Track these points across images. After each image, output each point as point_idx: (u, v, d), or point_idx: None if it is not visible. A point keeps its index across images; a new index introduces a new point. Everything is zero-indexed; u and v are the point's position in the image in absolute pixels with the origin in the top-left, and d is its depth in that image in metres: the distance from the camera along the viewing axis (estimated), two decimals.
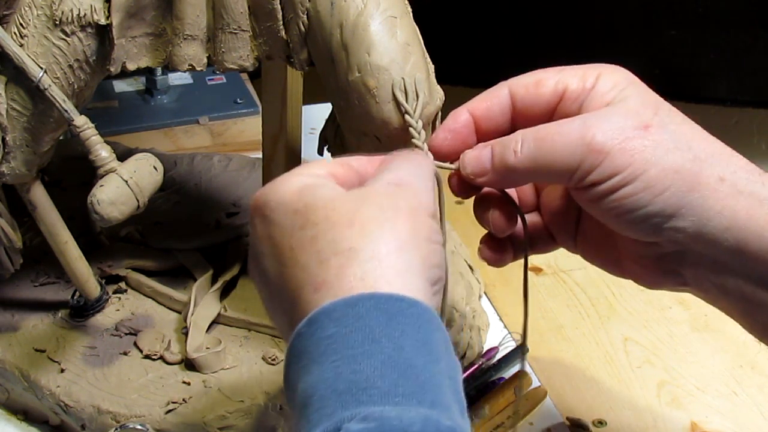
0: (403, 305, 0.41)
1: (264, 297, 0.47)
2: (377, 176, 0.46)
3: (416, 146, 0.53)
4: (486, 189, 0.53)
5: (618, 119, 0.48)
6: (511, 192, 0.55)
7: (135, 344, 0.73)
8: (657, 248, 0.51)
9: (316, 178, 0.46)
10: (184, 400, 0.68)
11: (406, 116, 0.55)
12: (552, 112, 0.51)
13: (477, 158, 0.51)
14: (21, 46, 0.59)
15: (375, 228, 0.43)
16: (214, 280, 0.77)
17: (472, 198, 0.55)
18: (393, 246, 0.42)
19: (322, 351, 0.40)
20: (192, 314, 0.73)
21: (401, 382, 0.38)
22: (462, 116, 0.52)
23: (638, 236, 0.50)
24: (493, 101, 0.52)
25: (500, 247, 0.56)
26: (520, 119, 0.52)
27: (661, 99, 0.50)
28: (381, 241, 0.42)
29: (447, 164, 0.52)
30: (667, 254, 0.51)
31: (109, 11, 0.59)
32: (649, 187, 0.47)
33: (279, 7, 0.60)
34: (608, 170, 0.47)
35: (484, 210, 0.54)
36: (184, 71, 0.63)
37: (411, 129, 0.54)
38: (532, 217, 0.57)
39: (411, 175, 0.46)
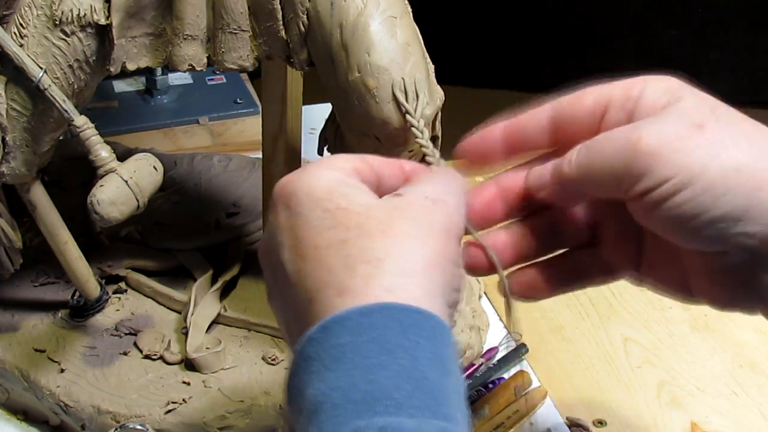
0: (419, 317, 0.41)
1: (273, 289, 0.46)
2: (413, 188, 0.46)
3: (421, 145, 0.53)
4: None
5: (670, 120, 0.44)
6: (559, 225, 0.52)
7: (135, 344, 0.73)
8: (727, 259, 0.46)
9: (345, 175, 0.45)
10: (184, 400, 0.68)
11: (408, 116, 0.55)
12: (598, 125, 0.48)
13: (540, 173, 0.49)
14: (21, 46, 0.59)
15: (407, 243, 0.42)
16: (214, 280, 0.77)
17: None
18: (421, 265, 0.42)
19: (336, 358, 0.39)
20: (192, 314, 0.73)
21: (417, 394, 0.38)
22: (497, 132, 0.50)
23: (704, 247, 0.45)
24: (530, 117, 0.49)
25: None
26: (561, 135, 0.49)
27: (718, 100, 0.46)
28: (411, 258, 0.42)
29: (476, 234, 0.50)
30: (740, 263, 0.46)
31: (109, 11, 0.59)
32: (709, 189, 0.43)
33: (279, 7, 0.60)
34: (660, 175, 0.43)
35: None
36: (184, 71, 0.63)
37: (414, 129, 0.54)
38: (585, 251, 0.53)
39: (447, 192, 0.46)
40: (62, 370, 0.70)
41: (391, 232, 0.42)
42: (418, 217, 0.43)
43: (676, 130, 0.43)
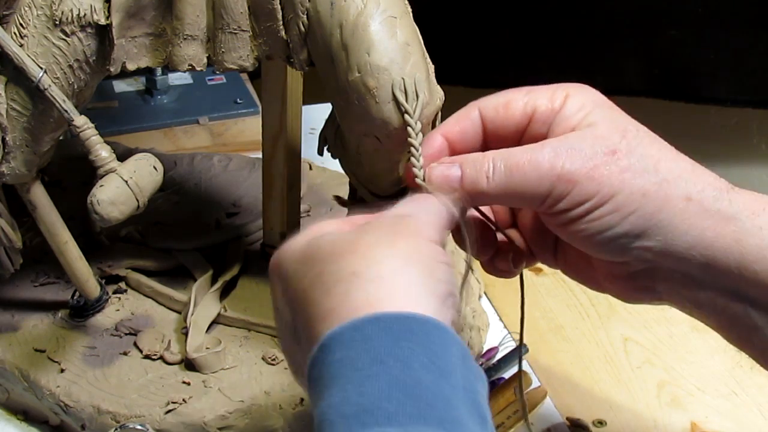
0: (411, 323, 0.41)
1: (286, 349, 0.48)
2: (384, 212, 0.48)
3: (412, 145, 0.53)
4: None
5: (586, 146, 0.49)
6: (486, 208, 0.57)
7: (135, 344, 0.73)
8: (628, 266, 0.52)
9: (322, 230, 0.47)
10: (184, 400, 0.68)
11: (406, 116, 0.55)
12: (522, 133, 0.52)
13: (445, 177, 0.51)
14: (21, 46, 0.59)
15: (376, 251, 0.43)
16: (214, 280, 0.77)
17: None
18: (395, 265, 0.43)
19: (333, 375, 0.40)
20: (192, 314, 0.73)
21: (407, 402, 0.38)
22: (436, 141, 0.53)
23: (607, 257, 0.51)
24: (465, 123, 0.53)
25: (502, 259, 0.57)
26: (491, 139, 0.53)
27: (629, 119, 0.51)
28: (383, 262, 0.43)
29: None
30: (639, 271, 0.52)
31: (109, 11, 0.59)
32: (617, 210, 0.49)
33: (279, 7, 0.60)
34: (578, 198, 0.49)
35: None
36: (184, 71, 0.63)
37: (409, 128, 0.54)
38: (511, 234, 0.58)
39: (416, 209, 0.48)
40: (62, 370, 0.70)
41: (358, 249, 0.44)
42: (383, 229, 0.45)
43: (593, 158, 0.49)
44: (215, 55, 0.62)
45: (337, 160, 0.67)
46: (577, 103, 0.51)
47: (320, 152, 0.68)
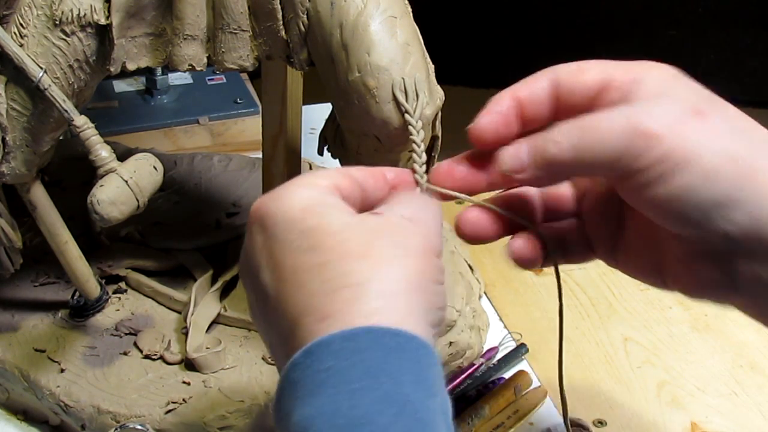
0: (401, 340, 0.40)
1: (255, 309, 0.46)
2: (390, 207, 0.46)
3: (414, 143, 0.53)
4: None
5: (670, 105, 0.44)
6: (548, 196, 0.52)
7: (135, 344, 0.73)
8: (706, 246, 0.46)
9: (322, 193, 0.45)
10: (184, 400, 0.68)
11: (406, 115, 0.55)
12: (594, 102, 0.47)
13: (515, 154, 0.47)
14: (21, 46, 0.59)
15: (386, 265, 0.42)
16: (214, 280, 0.77)
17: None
18: (402, 287, 0.42)
19: (319, 384, 0.39)
20: (192, 314, 0.73)
21: (399, 419, 0.38)
22: (505, 101, 0.49)
23: (688, 229, 0.45)
24: (536, 86, 0.49)
25: (531, 245, 0.51)
26: (561, 108, 0.49)
27: (711, 93, 0.47)
28: (391, 280, 0.42)
29: (463, 195, 0.50)
30: (718, 252, 0.46)
31: (109, 11, 0.59)
32: (704, 174, 0.43)
33: (279, 7, 0.60)
34: (659, 155, 0.43)
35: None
36: (184, 71, 0.63)
37: (410, 127, 0.54)
38: (569, 223, 0.54)
39: (423, 211, 0.46)
40: (62, 370, 0.70)
41: (370, 255, 0.42)
42: (396, 238, 0.43)
43: (676, 114, 0.44)
44: (215, 55, 0.62)
45: (337, 160, 0.67)
46: (659, 75, 0.47)
47: (320, 152, 0.68)
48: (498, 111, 0.48)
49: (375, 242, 0.43)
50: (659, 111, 0.44)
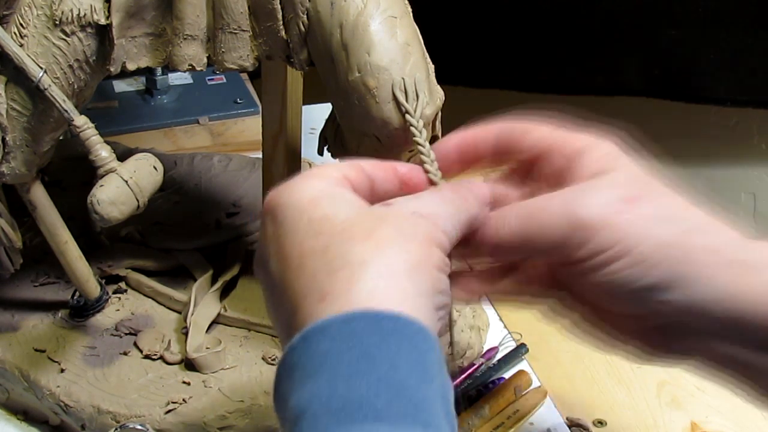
0: (399, 324, 0.40)
1: (266, 298, 0.46)
2: (405, 201, 0.46)
3: (418, 144, 0.53)
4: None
5: (605, 192, 0.46)
6: None
7: (135, 344, 0.73)
8: (646, 321, 0.49)
9: (332, 184, 0.45)
10: (184, 400, 0.68)
11: (407, 116, 0.55)
12: (538, 161, 0.50)
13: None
14: (21, 46, 0.59)
15: (388, 246, 0.42)
16: (214, 280, 0.77)
17: None
18: (404, 267, 0.42)
19: (317, 367, 0.39)
20: (192, 314, 0.73)
21: (396, 401, 0.38)
22: (451, 141, 0.51)
23: (629, 310, 0.48)
24: (483, 135, 0.51)
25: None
26: (503, 158, 0.51)
27: (650, 170, 0.49)
28: (393, 261, 0.42)
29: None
30: (658, 327, 0.49)
31: (109, 11, 0.59)
32: (642, 262, 0.45)
33: (279, 7, 0.60)
34: (597, 246, 0.45)
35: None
36: (184, 71, 0.63)
37: (413, 128, 0.54)
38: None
39: (436, 208, 0.46)
40: (62, 370, 0.70)
41: (373, 238, 0.42)
42: (402, 226, 0.43)
43: (610, 202, 0.46)
44: (215, 55, 0.62)
45: (337, 161, 0.67)
46: (600, 153, 0.48)
47: (320, 152, 0.68)
48: (443, 147, 0.51)
49: (379, 228, 0.43)
50: (594, 201, 0.46)
